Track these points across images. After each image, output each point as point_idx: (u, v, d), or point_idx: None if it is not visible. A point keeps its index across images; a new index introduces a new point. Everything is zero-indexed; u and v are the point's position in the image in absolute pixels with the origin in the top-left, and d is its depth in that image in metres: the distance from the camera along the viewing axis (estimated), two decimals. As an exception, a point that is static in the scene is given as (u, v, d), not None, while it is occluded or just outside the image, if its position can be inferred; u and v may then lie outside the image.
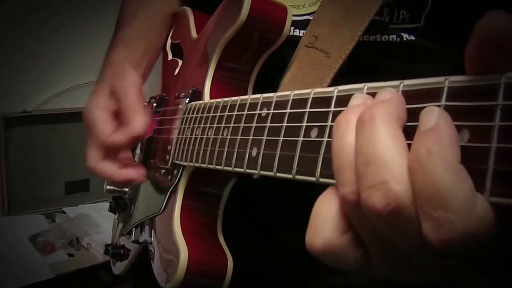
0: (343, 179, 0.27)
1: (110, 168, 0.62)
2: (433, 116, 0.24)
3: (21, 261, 1.22)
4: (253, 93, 0.59)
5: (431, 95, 0.26)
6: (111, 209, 0.82)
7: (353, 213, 0.27)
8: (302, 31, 0.57)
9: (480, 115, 0.22)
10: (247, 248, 0.61)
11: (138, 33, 0.73)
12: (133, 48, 0.71)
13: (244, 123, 0.44)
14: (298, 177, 0.34)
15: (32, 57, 1.64)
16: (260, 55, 0.58)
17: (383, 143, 0.25)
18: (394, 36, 0.53)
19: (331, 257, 0.28)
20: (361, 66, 0.50)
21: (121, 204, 0.79)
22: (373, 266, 0.29)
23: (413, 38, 0.53)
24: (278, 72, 0.56)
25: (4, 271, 1.17)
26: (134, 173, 0.63)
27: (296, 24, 0.57)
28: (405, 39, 0.53)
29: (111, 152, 0.62)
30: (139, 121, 0.59)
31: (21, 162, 1.53)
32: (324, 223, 0.28)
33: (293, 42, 0.56)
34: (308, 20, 0.56)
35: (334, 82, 0.50)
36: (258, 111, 0.42)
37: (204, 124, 0.53)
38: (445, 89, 0.25)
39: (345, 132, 0.27)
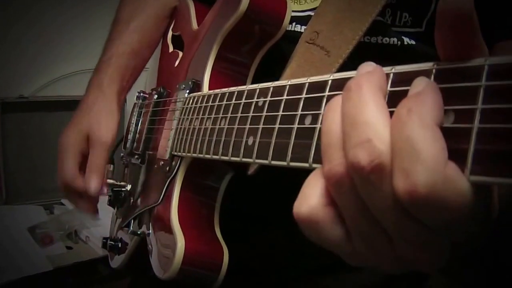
0: (330, 155, 0.28)
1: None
2: (421, 84, 0.26)
3: (19, 251, 1.23)
4: None
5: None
6: (110, 203, 0.82)
7: (337, 187, 0.28)
8: (303, 27, 0.57)
9: (464, 98, 0.23)
10: (240, 244, 0.61)
11: (130, 49, 0.78)
12: (122, 68, 0.76)
13: (241, 113, 0.45)
14: (292, 164, 0.35)
15: (31, 41, 1.63)
16: (259, 48, 0.59)
17: (369, 107, 0.26)
18: (395, 39, 0.54)
19: (314, 226, 0.29)
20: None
21: (120, 197, 0.79)
22: (353, 246, 0.30)
23: (413, 42, 0.54)
24: (278, 67, 0.57)
25: (3, 261, 1.17)
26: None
27: (298, 20, 0.58)
28: (405, 43, 0.54)
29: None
30: (95, 183, 0.70)
31: (18, 150, 1.53)
32: (313, 191, 0.29)
33: (293, 37, 0.56)
34: (310, 16, 0.56)
35: None
36: (255, 100, 0.43)
37: (202, 114, 0.54)
38: (433, 72, 0.26)
39: (335, 111, 0.29)
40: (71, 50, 1.69)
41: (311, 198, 0.29)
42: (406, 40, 0.54)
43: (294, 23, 0.58)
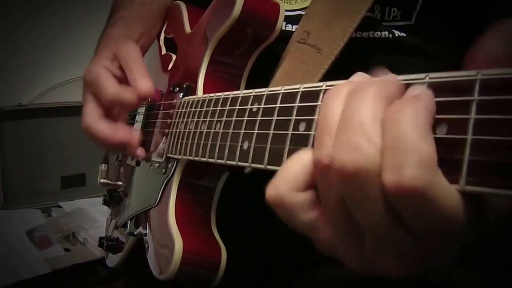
0: (322, 143, 0.28)
1: (106, 128, 0.59)
2: (417, 89, 0.26)
3: (17, 255, 1.22)
4: (246, 88, 0.60)
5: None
6: (105, 202, 0.82)
7: (322, 176, 0.28)
8: (294, 26, 0.58)
9: (457, 109, 0.24)
10: (237, 241, 0.62)
11: (137, 15, 0.73)
12: (131, 28, 0.70)
13: (236, 117, 0.45)
14: None
15: (28, 50, 1.63)
16: (253, 51, 0.59)
17: (366, 110, 0.26)
18: (386, 33, 0.55)
19: (282, 210, 0.30)
20: (352, 62, 0.51)
21: (116, 197, 0.79)
22: (323, 234, 0.30)
23: (404, 35, 0.55)
24: (270, 67, 0.57)
25: (1, 266, 1.17)
26: (129, 135, 0.60)
27: (288, 19, 0.58)
28: (396, 35, 0.55)
29: (111, 111, 0.60)
30: (145, 81, 0.58)
31: (16, 156, 1.52)
32: (284, 177, 0.30)
33: (285, 37, 0.57)
34: (300, 15, 0.57)
35: (325, 78, 0.51)
36: (249, 106, 0.43)
37: (197, 118, 0.54)
38: (426, 83, 0.26)
39: (335, 100, 0.29)
40: (67, 58, 1.70)
41: (280, 184, 0.30)
42: (397, 32, 0.55)
43: (284, 23, 0.58)
